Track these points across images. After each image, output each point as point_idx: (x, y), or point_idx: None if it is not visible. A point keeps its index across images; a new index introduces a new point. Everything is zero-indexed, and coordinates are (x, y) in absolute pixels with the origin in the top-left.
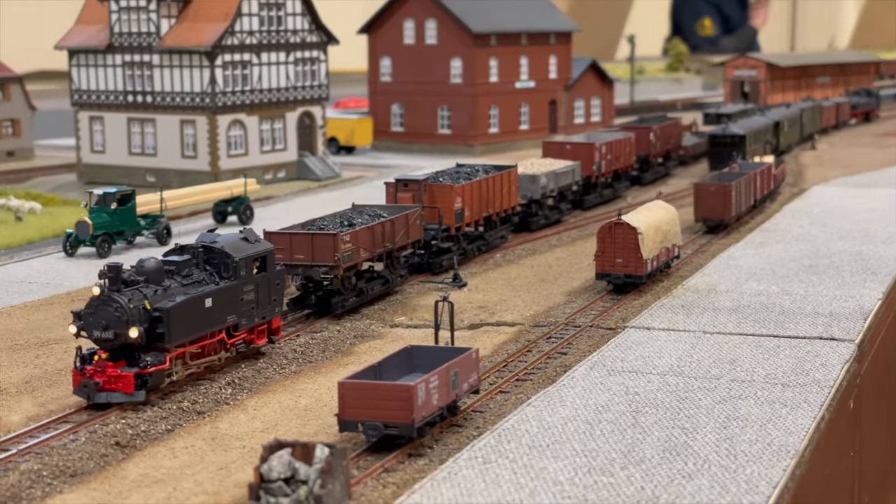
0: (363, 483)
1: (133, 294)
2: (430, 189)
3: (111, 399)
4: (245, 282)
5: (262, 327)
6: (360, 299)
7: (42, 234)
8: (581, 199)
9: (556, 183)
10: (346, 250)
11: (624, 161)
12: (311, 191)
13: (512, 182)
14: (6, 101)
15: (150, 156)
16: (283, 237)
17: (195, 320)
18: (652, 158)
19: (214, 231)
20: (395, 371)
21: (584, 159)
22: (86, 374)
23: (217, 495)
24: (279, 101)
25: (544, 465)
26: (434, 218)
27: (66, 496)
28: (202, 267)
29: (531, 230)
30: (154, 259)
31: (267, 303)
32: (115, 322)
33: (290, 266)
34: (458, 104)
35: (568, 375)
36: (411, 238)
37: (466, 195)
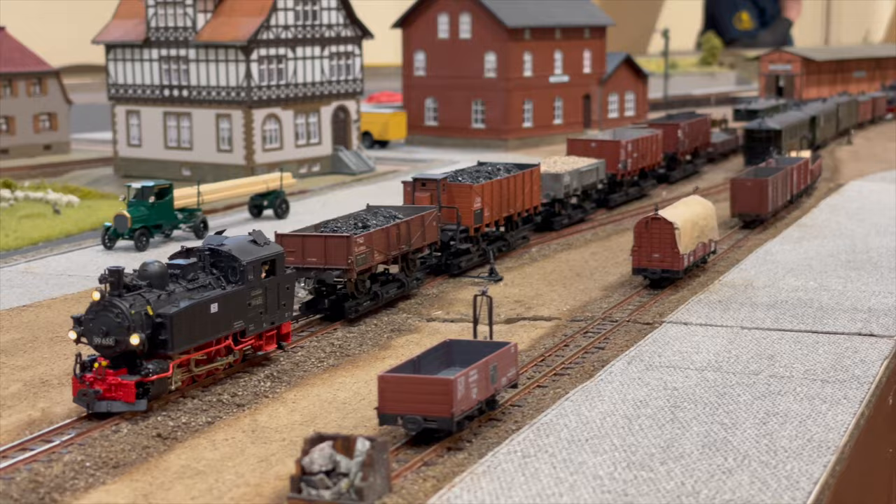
0: (403, 476)
1: (135, 299)
2: (449, 188)
3: (111, 408)
4: (253, 286)
5: (272, 333)
6: (375, 303)
7: (80, 228)
8: (606, 198)
9: (580, 182)
10: (360, 253)
11: (651, 159)
12: (345, 185)
13: (534, 181)
14: (43, 95)
15: (186, 150)
16: (296, 239)
17: (200, 326)
18: (680, 156)
19: (222, 233)
20: (434, 365)
21: (609, 157)
22: (86, 381)
23: (258, 487)
24: (314, 95)
25: (583, 459)
26: (452, 218)
27: (110, 487)
28: (208, 271)
29: (554, 230)
30: (158, 263)
31: (276, 308)
32: (116, 328)
33: (303, 269)
34: (491, 98)
35: (606, 370)
36: (427, 240)
37: (486, 195)
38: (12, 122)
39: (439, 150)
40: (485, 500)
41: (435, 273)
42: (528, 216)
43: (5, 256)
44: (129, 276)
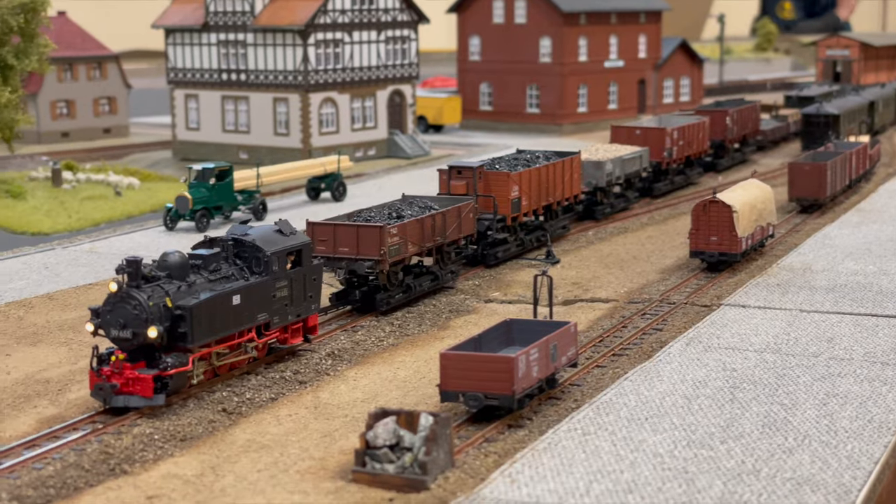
0: (465, 452)
1: (154, 290)
2: (486, 176)
3: (128, 403)
4: (278, 277)
5: (297, 326)
6: (407, 296)
7: (140, 209)
8: (650, 187)
9: (623, 170)
10: (393, 244)
11: (697, 147)
12: (401, 168)
13: (574, 169)
14: (103, 79)
15: (243, 133)
16: (327, 228)
17: (221, 319)
18: (728, 143)
19: (247, 223)
20: (495, 344)
21: (654, 145)
22: (102, 375)
23: (323, 461)
24: (370, 79)
25: (643, 437)
26: (489, 207)
27: (178, 459)
28: (232, 261)
29: (596, 219)
30: (178, 253)
31: (302, 300)
32: (134, 321)
33: (334, 259)
34: (546, 83)
35: (664, 351)
36: (464, 232)
37: (524, 183)
38: (73, 106)
39: (493, 134)
40: (546, 475)
41: (471, 264)
42: (569, 205)
43: (70, 236)
44: (148, 267)
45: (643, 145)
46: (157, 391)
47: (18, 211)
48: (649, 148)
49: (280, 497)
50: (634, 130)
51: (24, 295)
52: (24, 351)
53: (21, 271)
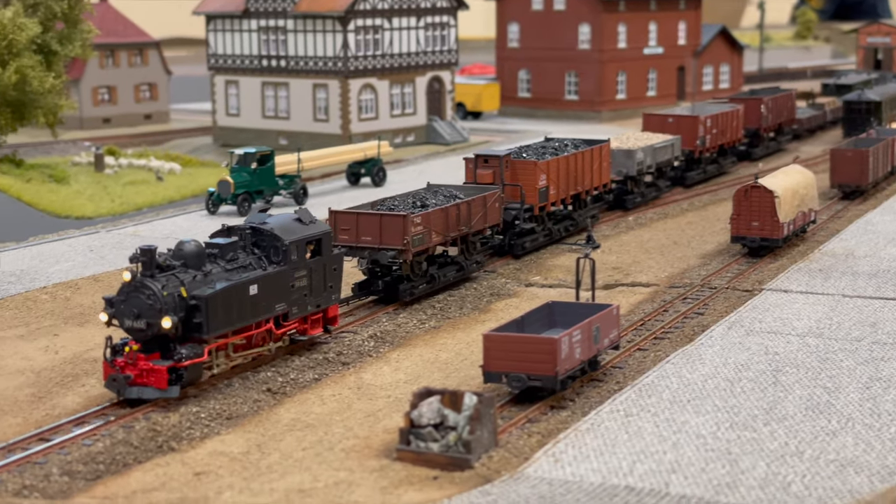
0: (508, 432)
1: (168, 280)
2: (512, 165)
3: (142, 395)
4: (296, 267)
5: (317, 316)
6: (431, 287)
7: (182, 194)
8: (683, 176)
9: (654, 158)
10: (417, 233)
11: (731, 135)
12: (440, 154)
13: (604, 157)
14: (144, 65)
15: (283, 119)
16: (350, 217)
17: (238, 309)
18: (763, 132)
19: (266, 211)
20: (537, 326)
21: (686, 133)
22: (116, 366)
23: (367, 440)
24: (409, 65)
25: (686, 419)
26: (516, 196)
27: (224, 437)
28: (249, 250)
29: (626, 209)
30: (194, 242)
31: (322, 290)
32: (148, 310)
33: (356, 248)
34: (585, 70)
35: (706, 335)
36: (489, 222)
37: (552, 172)
38: (114, 92)
39: (532, 121)
40: (589, 455)
41: (497, 254)
42: (599, 194)
43: (113, 220)
44: (163, 256)
45: (676, 133)
46: (171, 383)
47: (62, 195)
48: (682, 136)
49: (326, 474)
50: (667, 118)
51: (71, 276)
52: (71, 331)
53: (66, 253)
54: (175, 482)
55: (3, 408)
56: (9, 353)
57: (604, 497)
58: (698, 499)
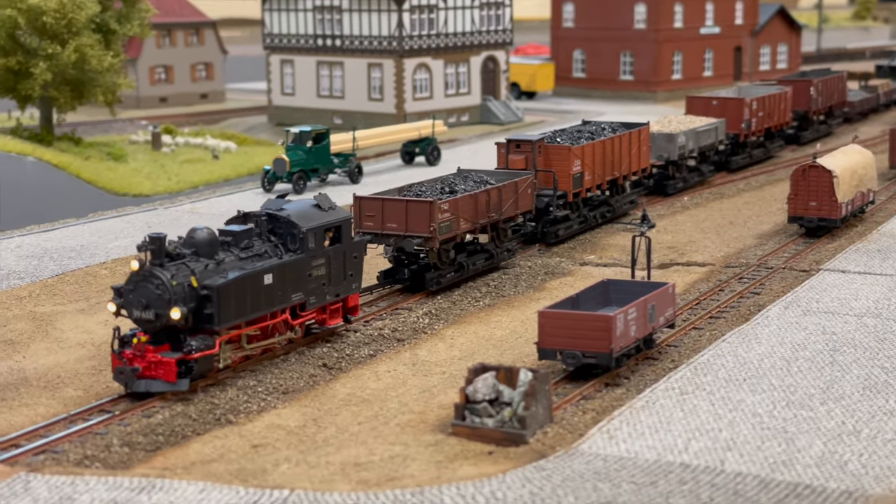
0: (563, 408)
1: (178, 269)
2: (546, 150)
3: (150, 388)
4: (314, 255)
5: (336, 306)
6: (459, 275)
7: (237, 172)
8: (727, 160)
9: (697, 142)
10: (444, 220)
11: (778, 118)
12: (493, 134)
13: (643, 141)
14: (200, 45)
15: (338, 98)
16: (375, 203)
17: (251, 299)
18: (812, 115)
19: (284, 197)
20: (592, 303)
21: (731, 116)
22: (124, 358)
23: (423, 415)
24: (464, 45)
25: (742, 397)
26: (549, 183)
27: (280, 411)
28: (265, 238)
29: (667, 194)
30: (207, 229)
31: (341, 279)
32: (156, 301)
33: (382, 236)
34: (641, 50)
35: (762, 314)
36: (521, 208)
37: (587, 157)
38: (171, 72)
39: (586, 101)
40: (644, 432)
41: (530, 242)
42: (638, 180)
43: (170, 198)
44: (174, 244)
45: (720, 117)
46: (180, 375)
47: (120, 173)
48: (726, 119)
49: (381, 448)
50: (711, 101)
51: (130, 252)
52: None
53: (125, 230)
54: (233, 454)
55: (64, 380)
56: (69, 326)
57: (658, 473)
58: (754, 476)
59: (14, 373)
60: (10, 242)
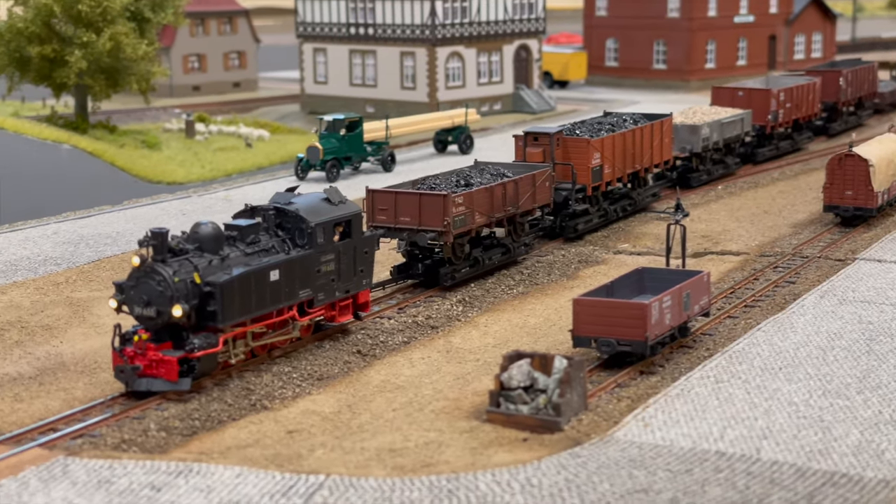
0: (597, 396)
1: (181, 265)
2: (564, 143)
3: (151, 387)
4: (323, 250)
5: (346, 302)
6: (475, 270)
7: (270, 160)
8: (753, 152)
9: (721, 134)
10: (459, 214)
11: (806, 109)
12: (526, 123)
13: (665, 133)
14: (233, 34)
15: (370, 87)
16: (388, 196)
17: (257, 296)
18: (841, 106)
19: (294, 190)
20: (626, 291)
21: (758, 107)
22: (125, 356)
23: (457, 401)
24: (497, 33)
25: (777, 386)
26: (568, 176)
27: (315, 397)
28: (273, 232)
29: (691, 187)
30: (211, 224)
31: (351, 274)
32: (158, 297)
33: (395, 230)
34: (674, 39)
35: (797, 303)
36: (538, 202)
37: (606, 150)
38: (204, 60)
39: (619, 90)
40: (679, 420)
41: (548, 237)
42: (661, 172)
43: (204, 185)
44: (177, 239)
45: (746, 108)
46: (182, 374)
47: (154, 161)
48: (753, 111)
49: (416, 434)
50: (737, 92)
51: None
52: None
53: (160, 217)
54: (268, 439)
55: (101, 365)
56: (106, 311)
57: (694, 461)
58: (790, 465)
59: (52, 357)
60: (46, 229)
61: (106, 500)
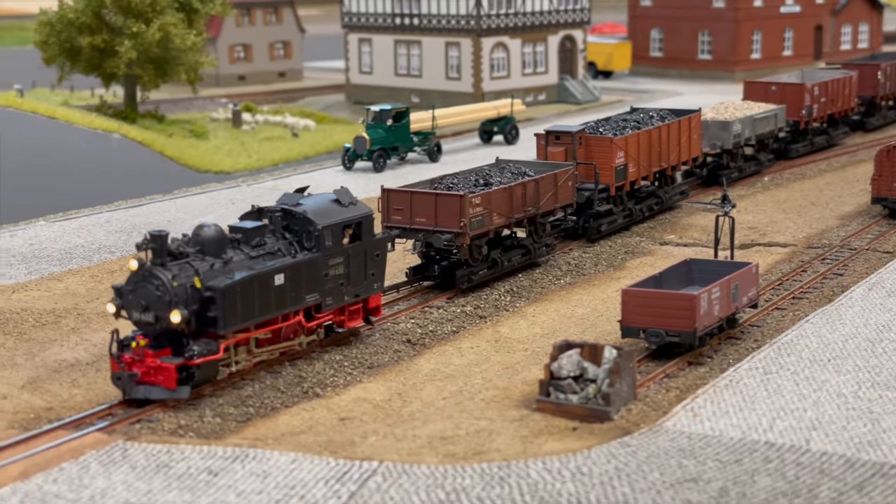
0: (646, 386)
1: (181, 269)
2: (587, 142)
3: (149, 395)
4: (331, 254)
5: (357, 307)
6: (493, 272)
7: (317, 150)
8: (787, 148)
9: (753, 130)
10: (475, 215)
11: (842, 104)
12: (570, 114)
13: (693, 129)
14: (279, 23)
15: (415, 77)
16: (403, 196)
17: (260, 301)
18: (879, 100)
19: (304, 191)
20: (675, 283)
21: (791, 102)
22: (122, 362)
23: (507, 390)
24: (542, 24)
25: (826, 378)
26: (590, 176)
27: (366, 385)
28: (279, 235)
29: (720, 185)
30: (214, 226)
31: (361, 278)
32: (156, 303)
33: (410, 230)
34: (719, 29)
35: (846, 295)
36: (560, 202)
37: (631, 148)
38: (250, 50)
39: (664, 81)
40: (728, 411)
41: (571, 237)
42: (689, 170)
43: (253, 175)
44: (177, 242)
45: (780, 103)
46: (181, 382)
47: (202, 150)
48: (786, 105)
49: (467, 423)
50: (770, 86)
51: None
52: None
53: (209, 206)
54: (321, 426)
55: None
56: None
57: (743, 451)
58: (839, 456)
59: (108, 344)
60: (99, 217)
61: (165, 483)
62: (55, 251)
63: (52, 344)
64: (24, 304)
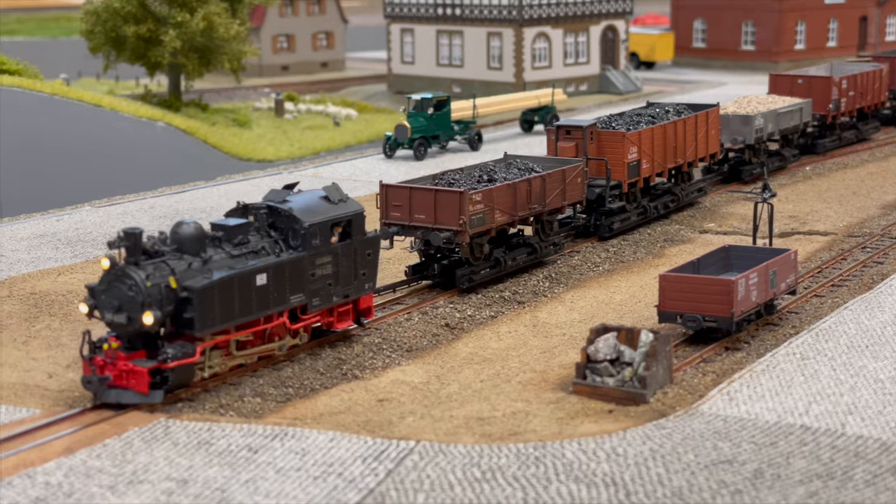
0: (683, 370)
1: (156, 268)
2: (598, 137)
3: (121, 399)
4: (318, 253)
5: (346, 308)
6: (496, 271)
7: (358, 139)
8: (814, 143)
9: (778, 125)
10: (476, 212)
11: (872, 98)
12: (612, 104)
13: (711, 124)
14: (322, 14)
15: (457, 67)
16: (402, 192)
17: (241, 302)
18: None
19: (293, 187)
20: (713, 268)
21: (818, 96)
22: (94, 365)
23: (544, 374)
24: (584, 14)
25: (864, 364)
26: (602, 172)
27: (405, 368)
28: (264, 233)
29: (743, 181)
30: (194, 223)
31: (351, 278)
32: (129, 303)
33: (409, 228)
34: (763, 19)
35: (885, 283)
36: (569, 199)
37: (644, 143)
38: (293, 40)
39: (706, 72)
40: (764, 395)
41: (581, 236)
42: (708, 166)
43: (293, 163)
44: (153, 240)
45: (806, 96)
46: (154, 386)
47: (245, 139)
48: (813, 99)
49: (504, 404)
50: (796, 79)
51: None
52: None
53: (251, 193)
54: (360, 407)
55: None
56: None
57: (779, 434)
58: (875, 439)
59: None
60: (143, 203)
61: (206, 459)
62: (100, 235)
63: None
64: (70, 287)
